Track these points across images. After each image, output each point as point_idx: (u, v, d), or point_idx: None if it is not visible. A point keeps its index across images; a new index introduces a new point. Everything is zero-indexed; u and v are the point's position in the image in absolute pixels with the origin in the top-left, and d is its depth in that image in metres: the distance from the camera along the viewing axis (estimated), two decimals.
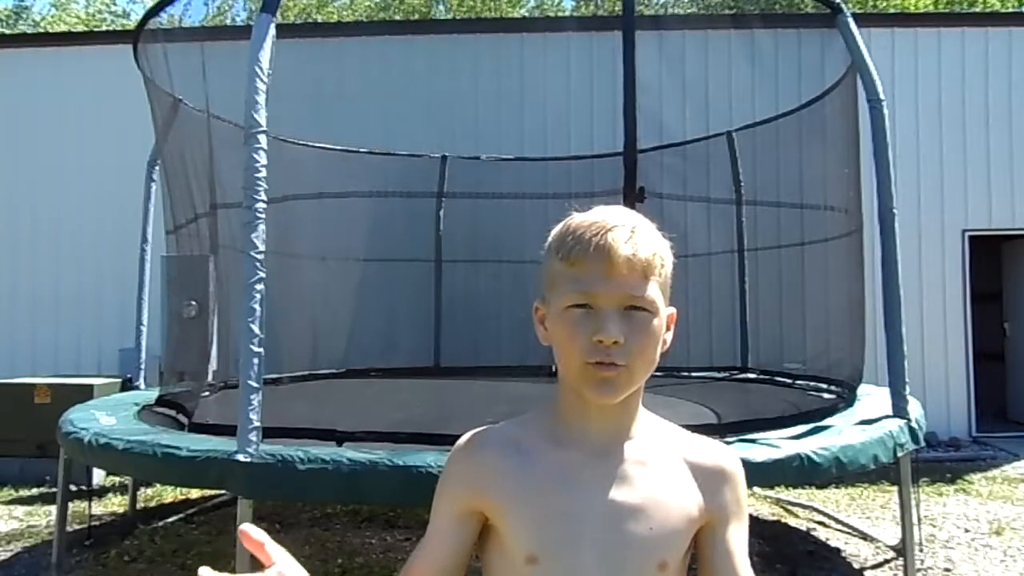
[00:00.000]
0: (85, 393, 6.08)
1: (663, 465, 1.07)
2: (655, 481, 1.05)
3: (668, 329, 1.06)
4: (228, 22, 19.28)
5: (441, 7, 20.65)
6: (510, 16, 18.77)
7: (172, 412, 4.40)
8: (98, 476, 6.26)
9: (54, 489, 5.20)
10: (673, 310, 1.06)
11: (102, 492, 6.27)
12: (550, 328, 1.05)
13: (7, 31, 17.66)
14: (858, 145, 4.78)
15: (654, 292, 1.01)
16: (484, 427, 1.12)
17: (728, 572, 1.07)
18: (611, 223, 1.01)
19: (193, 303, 4.93)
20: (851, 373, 4.72)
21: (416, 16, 20.03)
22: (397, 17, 19.88)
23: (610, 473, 1.04)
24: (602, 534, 1.01)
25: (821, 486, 6.21)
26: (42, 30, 17.54)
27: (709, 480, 1.08)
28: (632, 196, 3.39)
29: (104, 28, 17.88)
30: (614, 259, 0.98)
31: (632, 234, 1.00)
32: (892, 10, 15.95)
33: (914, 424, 3.96)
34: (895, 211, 4.14)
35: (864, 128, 4.31)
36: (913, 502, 4.30)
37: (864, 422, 3.91)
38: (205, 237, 5.02)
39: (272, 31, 3.32)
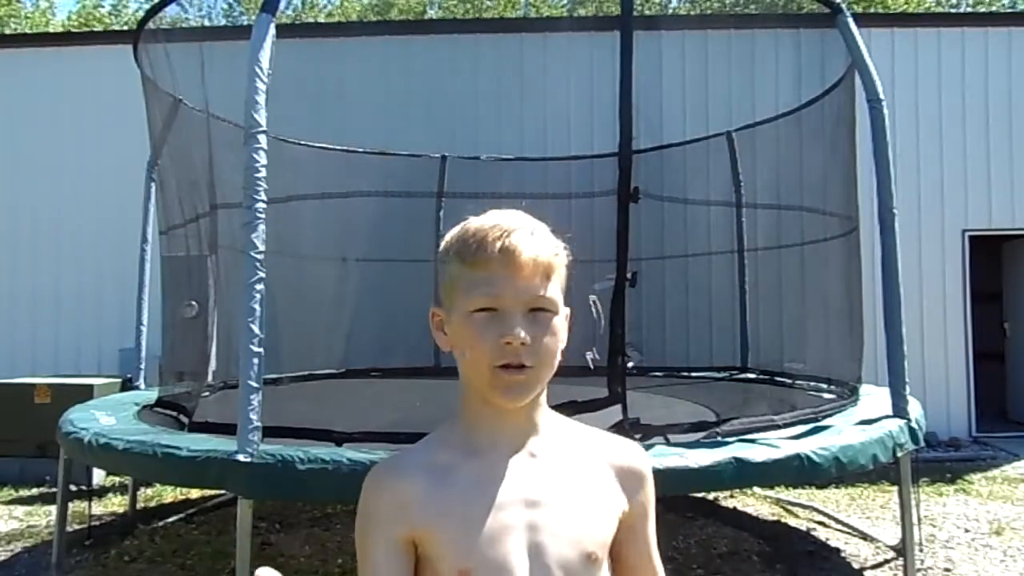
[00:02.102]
0: (85, 393, 6.08)
1: (577, 460, 1.07)
2: (572, 476, 1.06)
3: (568, 329, 1.07)
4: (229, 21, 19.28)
5: (432, 12, 20.67)
6: (510, 16, 18.77)
7: (172, 412, 4.39)
8: (98, 476, 6.27)
9: (54, 489, 5.19)
10: (569, 310, 1.07)
11: (102, 492, 6.27)
12: (451, 333, 1.04)
13: (6, 31, 17.66)
14: (854, 145, 4.79)
15: (555, 292, 1.02)
16: (391, 456, 1.12)
17: (646, 566, 1.11)
18: (511, 226, 1.01)
19: (193, 303, 4.93)
20: (850, 373, 4.72)
21: (412, 16, 20.04)
22: (390, 17, 19.89)
23: (527, 473, 1.04)
24: (529, 534, 1.01)
25: (821, 486, 6.21)
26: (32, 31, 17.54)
27: (625, 478, 1.10)
28: (627, 196, 3.38)
29: (101, 28, 17.91)
30: (518, 261, 0.99)
31: (532, 236, 1.01)
32: (889, 10, 15.94)
33: (914, 424, 3.96)
34: (895, 211, 4.14)
35: (864, 128, 4.32)
36: (913, 502, 4.30)
37: (864, 422, 3.91)
38: (202, 237, 5.01)
39: (272, 31, 3.32)
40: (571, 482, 1.05)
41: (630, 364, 4.01)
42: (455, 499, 1.02)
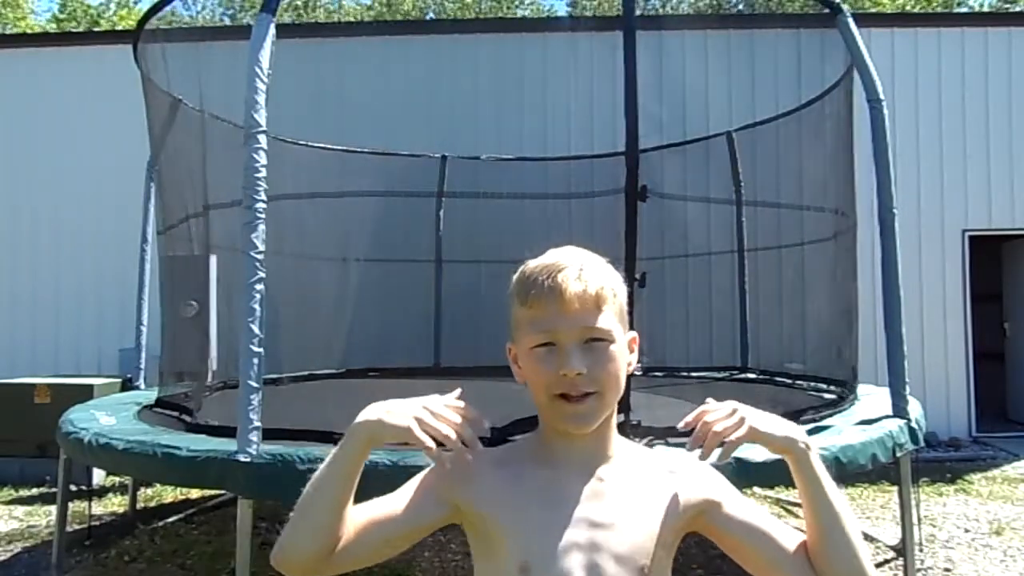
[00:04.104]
0: (85, 393, 6.08)
1: (639, 480, 1.14)
2: (632, 495, 1.12)
3: (632, 351, 1.16)
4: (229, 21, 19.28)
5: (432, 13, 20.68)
6: (510, 16, 18.76)
7: (173, 413, 4.39)
8: (98, 476, 6.26)
9: (54, 489, 5.19)
10: (634, 334, 1.16)
11: (102, 492, 6.27)
12: (522, 367, 1.13)
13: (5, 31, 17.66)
14: (851, 144, 4.79)
15: (609, 321, 1.09)
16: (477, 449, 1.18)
17: (757, 535, 1.13)
18: (561, 264, 1.10)
19: (193, 303, 4.92)
20: (849, 372, 4.72)
21: (411, 16, 20.04)
22: (385, 18, 19.89)
23: (591, 489, 1.11)
24: (586, 544, 1.07)
25: None
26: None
27: (688, 484, 1.15)
28: (634, 195, 3.37)
29: (85, 18, 17.91)
30: (566, 297, 1.07)
31: (581, 271, 1.09)
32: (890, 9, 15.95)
33: (914, 424, 3.96)
34: (895, 211, 4.13)
35: (864, 128, 4.31)
36: (913, 502, 4.30)
37: (864, 422, 3.91)
38: (194, 237, 5.01)
39: (272, 31, 3.32)
40: (629, 500, 1.11)
41: (637, 366, 3.98)
42: (522, 497, 1.10)
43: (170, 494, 6.27)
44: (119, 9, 20.52)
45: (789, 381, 5.68)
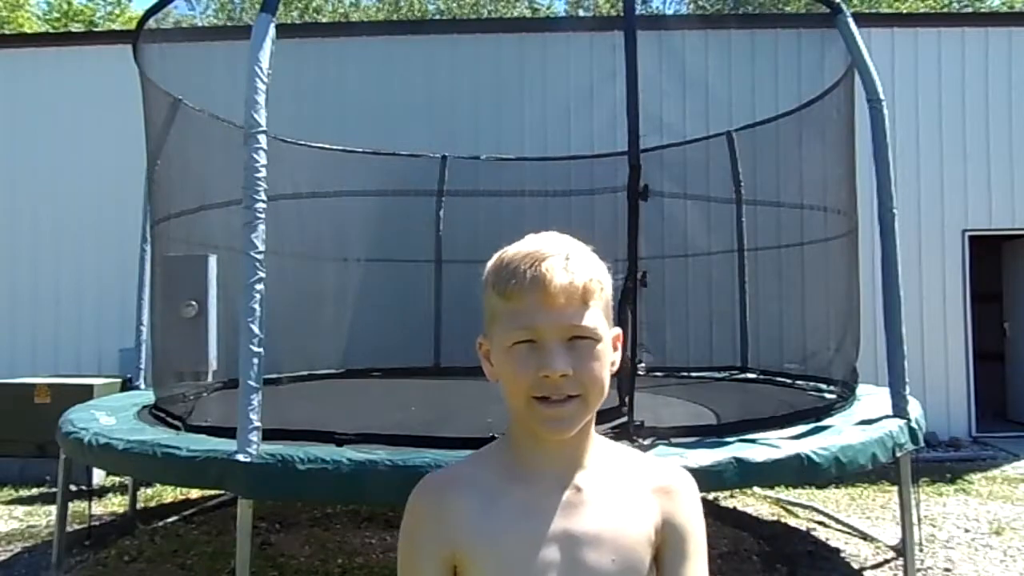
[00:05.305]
0: (85, 393, 6.08)
1: (620, 492, 1.05)
2: (613, 510, 1.03)
3: (616, 349, 1.04)
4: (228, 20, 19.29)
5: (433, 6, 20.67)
6: (510, 16, 18.76)
7: (171, 415, 4.39)
8: (98, 476, 6.27)
9: (54, 489, 5.19)
10: (618, 331, 1.04)
11: (102, 492, 6.27)
12: (496, 364, 1.02)
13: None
14: (853, 145, 4.79)
15: (596, 318, 0.98)
16: (441, 471, 1.10)
17: None
18: (545, 252, 0.98)
19: (193, 303, 4.92)
20: (849, 372, 4.72)
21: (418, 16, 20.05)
22: (381, 17, 19.89)
23: (569, 505, 1.02)
24: (567, 567, 0.99)
25: (821, 486, 6.21)
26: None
27: (664, 502, 1.07)
28: (636, 195, 3.37)
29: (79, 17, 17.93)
30: (551, 290, 0.95)
31: (567, 261, 0.97)
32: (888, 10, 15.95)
33: (914, 424, 3.96)
34: (895, 211, 4.14)
35: (864, 128, 4.31)
36: (913, 502, 4.30)
37: (864, 422, 3.91)
38: (196, 236, 5.00)
39: (272, 31, 3.32)
40: (610, 515, 1.03)
41: (641, 365, 3.96)
42: (499, 527, 1.00)
43: (170, 494, 6.27)
44: (114, 8, 20.50)
45: (789, 381, 5.68)
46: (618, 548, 1.01)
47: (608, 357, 1.01)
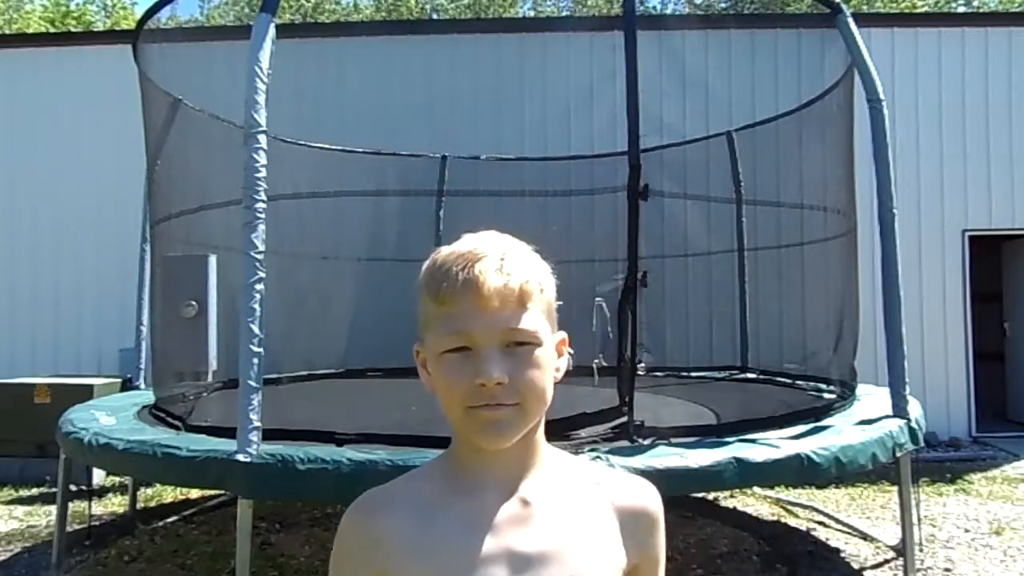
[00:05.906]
0: (85, 393, 6.08)
1: (575, 507, 0.97)
2: (567, 526, 0.96)
3: (561, 355, 0.98)
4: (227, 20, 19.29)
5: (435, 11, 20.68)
6: (510, 16, 18.76)
7: (171, 415, 4.39)
8: (98, 476, 6.26)
9: (54, 489, 5.19)
10: (563, 335, 0.98)
11: (102, 492, 6.27)
12: (431, 372, 0.97)
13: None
14: (852, 145, 4.79)
15: (535, 321, 0.92)
16: (377, 488, 1.03)
17: None
18: (479, 253, 0.92)
19: (193, 303, 4.92)
20: (849, 372, 4.72)
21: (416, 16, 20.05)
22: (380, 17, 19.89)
23: (516, 520, 0.94)
24: None
25: (821, 486, 6.21)
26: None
27: (634, 523, 1.00)
28: (636, 195, 3.38)
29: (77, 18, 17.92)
30: (485, 292, 0.89)
31: (502, 261, 0.91)
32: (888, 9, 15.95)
33: (914, 424, 3.96)
34: (895, 211, 4.14)
35: (864, 128, 4.32)
36: (913, 502, 4.30)
37: (864, 422, 3.91)
38: (197, 237, 5.01)
39: (272, 31, 3.32)
40: (562, 530, 0.95)
41: (641, 365, 3.95)
42: (435, 544, 0.94)
43: (170, 494, 6.27)
44: (113, 9, 20.50)
45: (789, 381, 5.68)
46: (573, 567, 0.93)
47: (550, 363, 0.94)
